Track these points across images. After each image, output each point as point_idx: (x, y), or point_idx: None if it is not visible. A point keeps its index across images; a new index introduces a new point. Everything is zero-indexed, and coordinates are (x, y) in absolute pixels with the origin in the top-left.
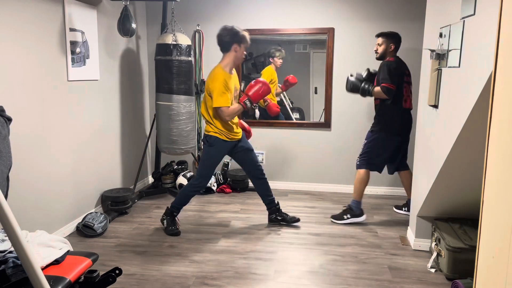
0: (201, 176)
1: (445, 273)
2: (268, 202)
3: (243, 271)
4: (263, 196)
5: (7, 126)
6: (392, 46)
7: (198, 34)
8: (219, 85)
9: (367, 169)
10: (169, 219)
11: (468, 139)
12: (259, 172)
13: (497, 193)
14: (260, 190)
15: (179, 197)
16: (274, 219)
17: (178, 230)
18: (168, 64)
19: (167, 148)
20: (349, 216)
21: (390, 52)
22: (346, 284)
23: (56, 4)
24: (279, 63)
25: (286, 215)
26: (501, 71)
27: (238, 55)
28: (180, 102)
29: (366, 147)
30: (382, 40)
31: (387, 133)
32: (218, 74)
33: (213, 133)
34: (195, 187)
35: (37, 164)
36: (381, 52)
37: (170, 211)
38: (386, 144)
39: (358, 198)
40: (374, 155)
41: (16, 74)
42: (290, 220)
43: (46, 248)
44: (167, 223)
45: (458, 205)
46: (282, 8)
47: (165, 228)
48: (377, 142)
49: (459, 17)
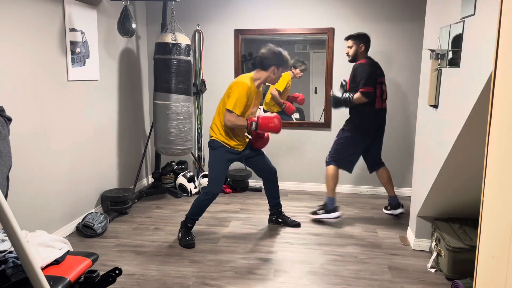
0: (211, 181)
1: (445, 273)
2: (273, 205)
3: (243, 271)
4: (271, 199)
5: (7, 126)
6: (362, 47)
7: (198, 34)
8: (241, 91)
9: (336, 166)
10: (184, 231)
11: (468, 139)
12: (272, 175)
13: (497, 193)
14: (269, 193)
15: (193, 207)
16: (274, 220)
17: (192, 242)
18: (167, 63)
19: (164, 148)
20: (322, 212)
21: (362, 53)
22: (346, 284)
23: (56, 4)
24: (299, 75)
25: (287, 218)
26: (501, 71)
27: (273, 77)
28: (178, 102)
29: (335, 144)
30: (352, 42)
31: (357, 133)
32: (245, 81)
33: (215, 138)
34: (206, 195)
35: (37, 164)
36: (352, 54)
37: (185, 222)
38: (355, 144)
39: (331, 194)
40: (342, 153)
41: (16, 74)
42: (290, 223)
43: (46, 248)
44: (181, 234)
45: (458, 205)
46: (282, 8)
47: (180, 240)
48: (346, 141)
49: (459, 17)
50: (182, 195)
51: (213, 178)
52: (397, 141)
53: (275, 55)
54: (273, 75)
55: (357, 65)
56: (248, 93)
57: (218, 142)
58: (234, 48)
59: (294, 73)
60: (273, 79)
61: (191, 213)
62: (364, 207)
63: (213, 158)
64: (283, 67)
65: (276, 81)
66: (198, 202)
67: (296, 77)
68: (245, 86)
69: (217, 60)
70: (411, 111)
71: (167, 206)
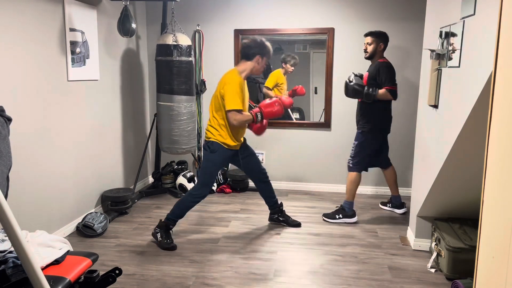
0: (203, 185)
1: (445, 273)
2: (272, 204)
3: (243, 271)
4: (267, 198)
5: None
6: (381, 46)
7: (198, 34)
8: (235, 88)
9: (359, 171)
10: (163, 232)
11: (468, 139)
12: (263, 175)
13: (497, 193)
14: (264, 193)
15: (177, 208)
16: (275, 219)
17: (174, 244)
18: (169, 65)
19: (169, 148)
20: (341, 216)
21: (380, 52)
22: (346, 284)
23: (56, 4)
24: (291, 70)
25: (288, 217)
26: (501, 71)
27: (258, 67)
28: (181, 102)
29: (358, 148)
30: (372, 40)
31: (375, 132)
32: (234, 77)
33: (214, 139)
34: (195, 197)
35: (37, 164)
36: (371, 52)
37: (166, 224)
38: (373, 143)
39: (351, 199)
40: (365, 155)
41: (16, 74)
42: (291, 223)
43: (46, 248)
44: (161, 236)
45: (458, 205)
46: (282, 8)
47: (160, 242)
48: (368, 142)
49: (459, 17)
50: (182, 195)
51: (206, 182)
52: (397, 141)
53: (258, 44)
54: (258, 64)
55: (382, 64)
56: (241, 87)
57: (217, 144)
58: (234, 48)
59: (285, 69)
60: (258, 69)
61: (175, 214)
62: (364, 207)
63: (209, 162)
64: (267, 56)
65: (260, 71)
66: (184, 204)
67: (288, 71)
68: (237, 81)
69: (217, 60)
70: (411, 111)
71: (167, 206)
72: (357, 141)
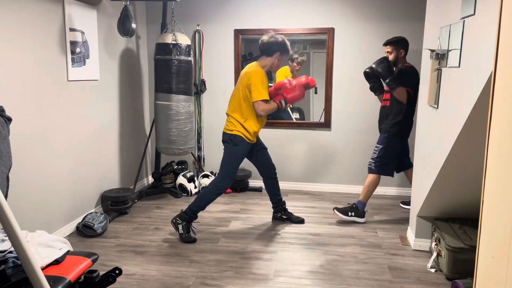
0: (226, 176)
1: (445, 273)
2: (276, 201)
3: (243, 271)
4: (273, 195)
5: (7, 126)
6: (402, 52)
7: (198, 34)
8: (260, 79)
9: (380, 173)
10: (185, 225)
11: (468, 139)
12: (272, 171)
13: (497, 193)
14: (271, 189)
15: (201, 200)
16: (279, 218)
17: (194, 237)
18: (168, 64)
19: (166, 148)
20: (353, 214)
21: (402, 58)
22: (346, 284)
23: (56, 4)
24: (297, 68)
25: (291, 214)
26: (501, 71)
27: (276, 63)
28: (179, 102)
29: (382, 151)
30: (392, 48)
31: (400, 136)
32: (258, 70)
33: (237, 132)
34: (219, 189)
35: (37, 164)
36: (393, 60)
37: (188, 215)
38: (398, 147)
39: (366, 200)
40: (389, 159)
41: (16, 74)
42: (295, 220)
43: (46, 248)
44: (182, 229)
45: (458, 205)
46: (282, 8)
47: (180, 235)
48: (393, 146)
49: (459, 17)
50: (182, 195)
51: (229, 174)
52: None
53: (278, 41)
54: (277, 61)
55: (407, 67)
56: (265, 79)
57: (240, 137)
58: (234, 48)
59: (291, 67)
60: (276, 65)
61: (197, 205)
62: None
63: (232, 154)
64: (286, 53)
65: (277, 68)
66: (207, 195)
67: (294, 71)
68: (262, 72)
69: (217, 60)
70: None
71: (167, 206)
72: (380, 144)
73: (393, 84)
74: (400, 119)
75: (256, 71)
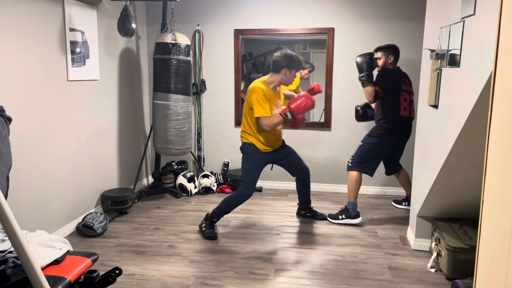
0: (245, 185)
1: (445, 273)
2: (304, 201)
3: (243, 271)
4: (301, 195)
5: (7, 126)
6: (391, 58)
7: (198, 34)
8: (258, 96)
9: (359, 171)
10: (208, 223)
11: (468, 139)
12: (305, 174)
13: (497, 193)
14: (301, 189)
15: (225, 204)
16: (303, 215)
17: (216, 234)
18: (167, 63)
19: (163, 148)
20: (344, 217)
21: (391, 63)
22: (346, 284)
23: (56, 4)
24: (306, 77)
25: (316, 212)
26: (501, 71)
27: (286, 79)
28: (177, 102)
29: (361, 149)
30: (381, 54)
31: (384, 139)
32: (258, 87)
33: (247, 141)
34: (240, 196)
35: (37, 164)
36: (381, 65)
37: (211, 217)
38: (381, 149)
39: (353, 200)
40: (368, 158)
41: (16, 74)
42: (319, 217)
43: (46, 248)
44: (205, 226)
45: (458, 205)
46: (282, 8)
47: (203, 231)
48: (373, 147)
49: (459, 17)
50: (182, 195)
51: (248, 181)
52: None
53: (285, 58)
54: (285, 77)
55: (387, 69)
56: (264, 94)
57: (250, 146)
58: (234, 48)
59: (301, 74)
60: (286, 81)
61: (220, 209)
62: (364, 207)
63: (246, 162)
64: (295, 68)
65: (290, 83)
66: (230, 201)
67: (304, 78)
68: (260, 90)
69: (217, 60)
70: None
71: (167, 206)
72: (362, 142)
73: (364, 80)
74: (382, 121)
75: (255, 88)
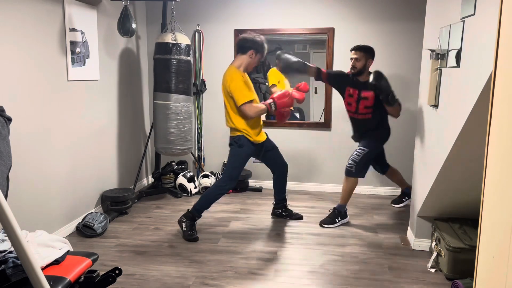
0: (229, 178)
1: (445, 273)
2: (280, 199)
3: (243, 271)
4: (278, 192)
5: (7, 126)
6: (370, 62)
7: (198, 34)
8: (239, 83)
9: (357, 177)
10: (189, 222)
11: (468, 139)
12: (284, 169)
13: (497, 193)
14: (278, 187)
15: (204, 200)
16: (278, 214)
17: (197, 236)
18: (167, 63)
19: (164, 148)
20: (340, 218)
21: (368, 69)
22: (346, 284)
23: (56, 4)
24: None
25: (291, 211)
26: (501, 71)
27: (251, 62)
28: (178, 102)
29: (364, 155)
30: (361, 55)
31: (382, 141)
32: (234, 73)
33: (240, 134)
34: (222, 189)
35: (37, 164)
36: (360, 68)
37: (192, 214)
38: (376, 151)
39: (345, 203)
40: (366, 162)
41: (16, 74)
42: (294, 216)
43: (46, 248)
44: (186, 226)
45: (458, 205)
46: (282, 8)
47: (184, 232)
48: (374, 151)
49: (459, 17)
50: (182, 195)
51: (232, 175)
52: (397, 141)
53: (253, 40)
54: (251, 59)
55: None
56: (243, 80)
57: (244, 138)
58: (234, 48)
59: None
60: (251, 63)
61: (200, 205)
62: (364, 207)
63: (236, 156)
64: (260, 53)
65: (252, 67)
66: (210, 195)
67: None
68: (238, 76)
69: (217, 60)
70: (411, 111)
71: (167, 206)
72: (364, 147)
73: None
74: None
75: (230, 75)
